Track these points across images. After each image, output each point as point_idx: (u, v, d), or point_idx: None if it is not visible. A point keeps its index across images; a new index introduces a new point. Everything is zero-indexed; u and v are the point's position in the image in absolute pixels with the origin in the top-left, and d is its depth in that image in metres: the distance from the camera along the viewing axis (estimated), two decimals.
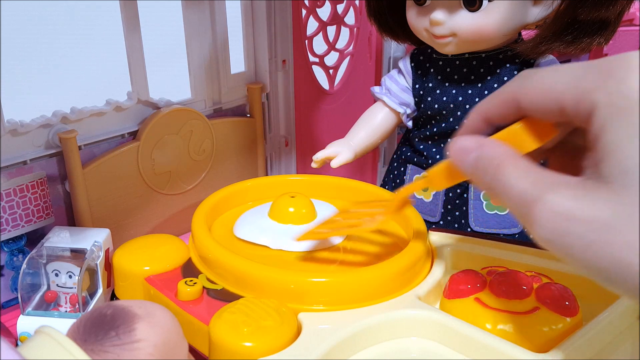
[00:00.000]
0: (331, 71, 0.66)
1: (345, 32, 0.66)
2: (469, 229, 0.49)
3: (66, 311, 0.42)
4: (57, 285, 0.43)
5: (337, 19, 0.64)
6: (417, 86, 0.50)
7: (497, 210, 0.48)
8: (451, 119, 0.48)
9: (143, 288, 0.41)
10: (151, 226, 0.54)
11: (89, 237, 0.44)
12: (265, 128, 0.62)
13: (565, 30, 0.43)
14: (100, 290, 0.43)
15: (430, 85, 0.49)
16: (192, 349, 0.35)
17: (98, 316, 0.28)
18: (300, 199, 0.45)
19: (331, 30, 0.65)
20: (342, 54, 0.67)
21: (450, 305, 0.36)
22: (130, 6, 0.48)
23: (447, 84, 0.49)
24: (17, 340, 0.40)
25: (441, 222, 0.50)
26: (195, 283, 0.38)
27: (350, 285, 0.37)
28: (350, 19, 0.66)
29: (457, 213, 0.49)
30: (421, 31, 0.47)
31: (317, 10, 0.62)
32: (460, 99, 0.48)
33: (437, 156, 0.50)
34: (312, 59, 0.64)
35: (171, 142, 0.53)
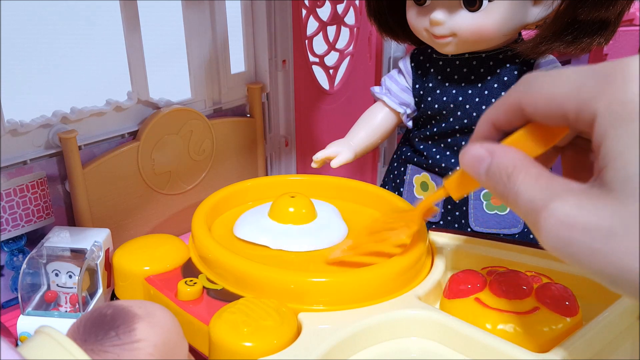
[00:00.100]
0: (331, 71, 0.66)
1: (345, 32, 0.66)
2: (469, 229, 0.49)
3: (66, 311, 0.42)
4: (57, 285, 0.43)
5: (337, 19, 0.64)
6: (417, 86, 0.50)
7: (497, 210, 0.48)
8: (451, 119, 0.48)
9: (143, 288, 0.41)
10: (151, 226, 0.54)
11: (89, 237, 0.44)
12: (265, 128, 0.62)
13: (565, 30, 0.43)
14: (100, 290, 0.43)
15: (431, 85, 0.49)
16: (192, 349, 0.35)
17: (98, 316, 0.28)
18: (300, 199, 0.45)
19: (331, 30, 0.65)
20: (342, 54, 0.67)
21: (450, 305, 0.36)
22: (130, 6, 0.48)
23: (447, 84, 0.49)
24: (17, 340, 0.40)
25: (441, 222, 0.50)
26: (195, 283, 0.38)
27: (350, 285, 0.37)
28: (350, 19, 0.66)
29: (457, 213, 0.49)
30: (421, 31, 0.47)
31: (317, 10, 0.62)
32: (460, 99, 0.48)
33: (437, 156, 0.50)
34: (312, 59, 0.64)
35: (171, 142, 0.53)
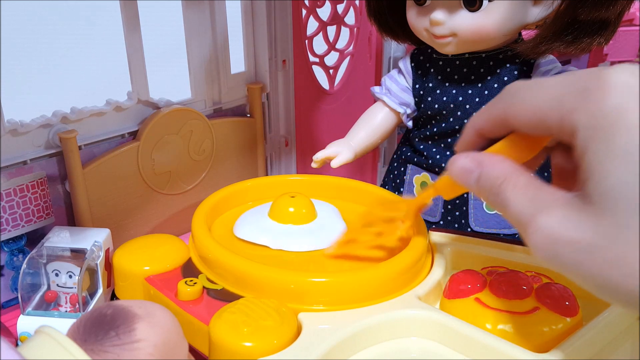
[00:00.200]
0: (331, 71, 0.66)
1: (345, 32, 0.66)
2: (469, 229, 0.49)
3: (66, 311, 0.42)
4: (57, 285, 0.43)
5: (337, 19, 0.64)
6: (417, 86, 0.50)
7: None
8: (451, 119, 0.48)
9: (143, 288, 0.41)
10: (151, 226, 0.54)
11: (89, 237, 0.44)
12: (265, 128, 0.62)
13: (566, 30, 0.43)
14: (100, 290, 0.43)
15: (431, 85, 0.49)
16: (192, 349, 0.35)
17: (98, 316, 0.28)
18: (300, 199, 0.45)
19: (331, 30, 0.65)
20: (342, 54, 0.66)
21: (450, 305, 0.36)
22: (130, 6, 0.48)
23: (447, 84, 0.48)
24: (17, 340, 0.40)
25: (441, 222, 0.50)
26: (195, 283, 0.38)
27: (350, 285, 0.37)
28: (350, 19, 0.66)
29: (457, 213, 0.49)
30: (421, 31, 0.47)
31: (317, 10, 0.62)
32: (461, 99, 0.48)
33: (437, 156, 0.50)
34: (312, 59, 0.64)
35: (171, 142, 0.53)
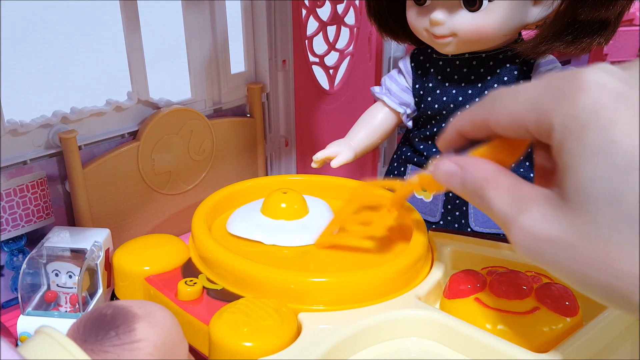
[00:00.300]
0: (331, 71, 0.66)
1: (345, 32, 0.66)
2: (469, 229, 0.49)
3: (66, 311, 0.42)
4: (57, 285, 0.43)
5: (337, 19, 0.64)
6: (417, 86, 0.50)
7: None
8: (451, 119, 0.48)
9: (143, 288, 0.41)
10: (151, 226, 0.54)
11: (89, 237, 0.44)
12: (265, 128, 0.62)
13: (565, 30, 0.43)
14: (100, 290, 0.43)
15: (431, 85, 0.49)
16: (192, 349, 0.35)
17: (98, 316, 0.28)
18: (292, 195, 0.45)
19: (331, 30, 0.65)
20: (342, 54, 0.66)
21: (450, 305, 0.36)
22: (130, 6, 0.48)
23: (447, 84, 0.48)
24: (17, 340, 0.40)
25: (441, 222, 0.50)
26: (195, 283, 0.38)
27: (350, 285, 0.37)
28: (350, 19, 0.66)
29: (457, 213, 0.49)
30: (421, 31, 0.47)
31: (317, 10, 0.62)
32: (460, 99, 0.48)
33: (437, 156, 0.50)
34: (312, 59, 0.64)
35: (171, 142, 0.53)
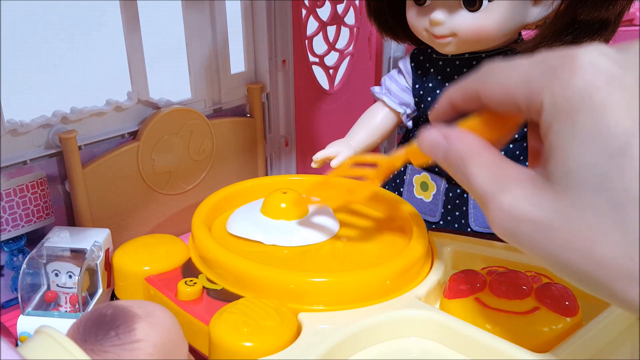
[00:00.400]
0: (331, 71, 0.66)
1: (345, 32, 0.66)
2: (469, 229, 0.49)
3: (66, 311, 0.42)
4: (57, 285, 0.43)
5: (337, 19, 0.64)
6: (417, 86, 0.50)
7: None
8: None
9: (143, 288, 0.41)
10: (151, 226, 0.54)
11: (89, 237, 0.44)
12: (265, 128, 0.62)
13: (565, 30, 0.43)
14: (100, 290, 0.43)
15: (430, 85, 0.49)
16: (192, 349, 0.35)
17: (98, 316, 0.28)
18: (291, 195, 0.45)
19: (331, 30, 0.65)
20: (342, 54, 0.66)
21: (450, 305, 0.36)
22: (130, 6, 0.48)
23: (447, 84, 0.48)
24: (17, 340, 0.40)
25: (441, 222, 0.50)
26: (195, 283, 0.38)
27: (350, 285, 0.37)
28: (350, 19, 0.66)
29: (457, 213, 0.49)
30: (421, 31, 0.47)
31: (317, 10, 0.62)
32: None
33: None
34: (312, 59, 0.64)
35: (171, 142, 0.53)
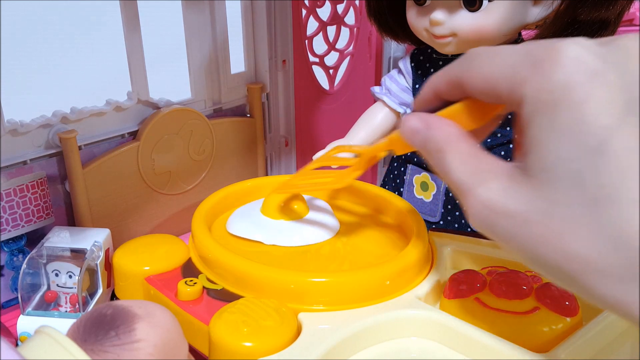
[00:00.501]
0: (331, 71, 0.66)
1: (345, 32, 0.66)
2: (469, 229, 0.49)
3: (66, 311, 0.42)
4: (57, 285, 0.43)
5: (337, 19, 0.64)
6: (417, 86, 0.50)
7: None
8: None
9: (143, 288, 0.41)
10: (151, 226, 0.54)
11: (89, 237, 0.44)
12: (265, 128, 0.62)
13: (565, 30, 0.43)
14: (100, 290, 0.43)
15: None
16: (192, 349, 0.35)
17: (98, 316, 0.28)
18: (291, 195, 0.45)
19: (331, 30, 0.65)
20: (342, 54, 0.66)
21: (450, 305, 0.36)
22: (130, 6, 0.48)
23: None
24: (17, 340, 0.40)
25: (441, 222, 0.50)
26: (195, 283, 0.38)
27: (350, 285, 0.37)
28: (350, 19, 0.66)
29: (457, 213, 0.49)
30: (421, 31, 0.47)
31: (317, 10, 0.62)
32: None
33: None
34: (312, 59, 0.64)
35: (171, 142, 0.53)
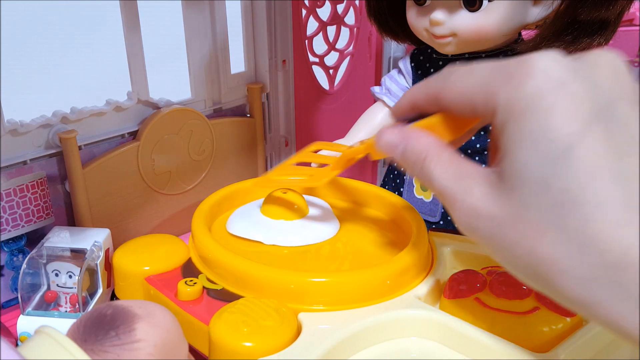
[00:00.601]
0: (331, 71, 0.66)
1: (345, 32, 0.66)
2: None
3: (66, 311, 0.42)
4: (57, 285, 0.43)
5: (337, 19, 0.64)
6: None
7: None
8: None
9: (143, 288, 0.41)
10: (151, 226, 0.54)
11: (89, 237, 0.44)
12: (265, 128, 0.62)
13: (565, 30, 0.43)
14: (100, 290, 0.43)
15: None
16: (192, 349, 0.35)
17: (98, 316, 0.28)
18: (291, 195, 0.45)
19: (331, 30, 0.65)
20: (342, 54, 0.66)
21: (450, 305, 0.36)
22: (130, 6, 0.48)
23: None
24: (17, 340, 0.40)
25: (441, 222, 0.50)
26: (195, 283, 0.38)
27: (350, 285, 0.37)
28: (350, 19, 0.66)
29: None
30: (421, 31, 0.47)
31: (317, 10, 0.62)
32: None
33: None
34: (312, 59, 0.64)
35: (171, 142, 0.53)
